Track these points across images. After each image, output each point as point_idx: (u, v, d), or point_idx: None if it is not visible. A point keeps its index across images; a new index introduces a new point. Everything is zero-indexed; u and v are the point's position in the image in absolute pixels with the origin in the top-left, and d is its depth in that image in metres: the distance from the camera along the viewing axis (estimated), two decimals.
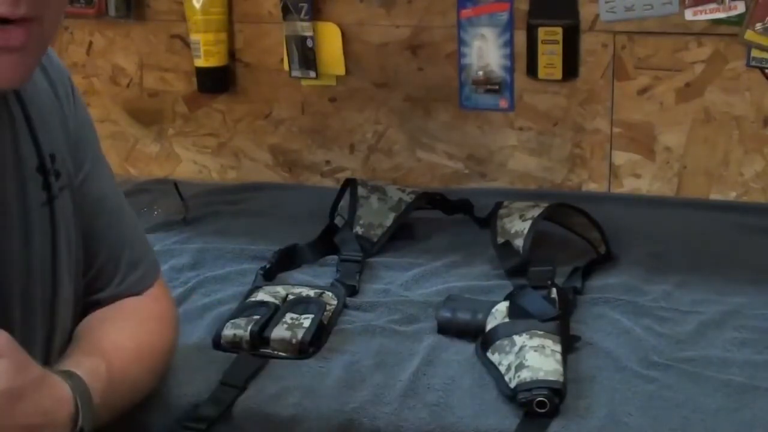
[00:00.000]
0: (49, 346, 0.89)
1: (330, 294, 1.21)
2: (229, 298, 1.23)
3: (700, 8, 1.41)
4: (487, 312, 1.11)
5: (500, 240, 1.31)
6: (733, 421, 0.96)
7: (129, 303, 0.99)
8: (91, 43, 1.77)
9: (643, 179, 1.54)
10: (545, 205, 1.33)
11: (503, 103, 1.57)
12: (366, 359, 1.09)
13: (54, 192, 0.87)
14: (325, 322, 1.14)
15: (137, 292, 1.00)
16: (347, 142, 1.68)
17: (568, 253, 1.32)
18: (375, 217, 1.39)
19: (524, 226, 1.29)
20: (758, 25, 1.38)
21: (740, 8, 1.39)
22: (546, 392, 0.96)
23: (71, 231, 0.91)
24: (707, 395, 1.00)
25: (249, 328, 1.11)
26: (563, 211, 1.36)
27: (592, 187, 1.57)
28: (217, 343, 1.12)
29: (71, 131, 0.93)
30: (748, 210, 1.46)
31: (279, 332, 1.11)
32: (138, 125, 1.79)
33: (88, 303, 0.98)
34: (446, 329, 1.13)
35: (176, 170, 1.78)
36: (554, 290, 1.14)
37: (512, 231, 1.30)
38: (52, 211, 0.87)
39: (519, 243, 1.27)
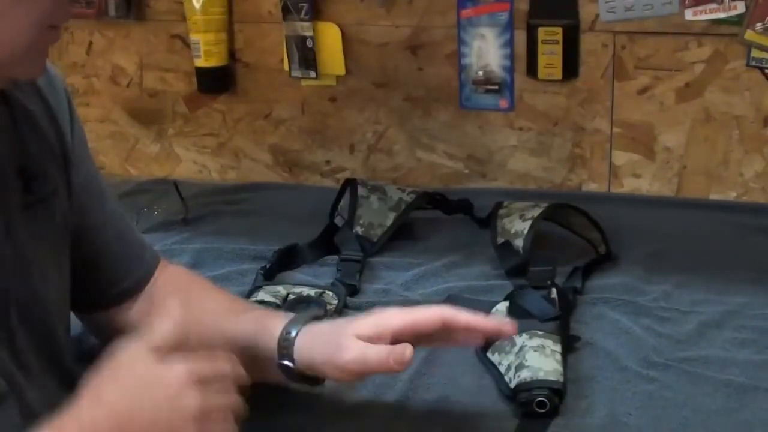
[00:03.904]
0: (39, 342, 0.88)
1: (330, 294, 1.21)
2: None
3: (700, 8, 1.41)
4: (487, 312, 1.11)
5: (500, 240, 1.31)
6: (733, 421, 0.96)
7: (178, 276, 1.06)
8: (91, 43, 1.77)
9: (643, 179, 1.54)
10: (545, 205, 1.33)
11: (503, 103, 1.57)
12: None
13: (42, 195, 0.88)
14: None
15: (154, 270, 1.04)
16: (347, 142, 1.68)
17: (568, 253, 1.32)
18: (375, 217, 1.39)
19: (524, 226, 1.29)
20: (758, 25, 1.39)
21: (740, 8, 1.39)
22: (546, 392, 0.96)
23: (62, 234, 0.91)
24: (707, 395, 1.00)
25: None
26: (563, 211, 1.36)
27: (592, 187, 1.57)
28: None
29: (67, 134, 0.93)
30: (748, 210, 1.46)
31: None
32: (138, 125, 1.79)
33: (113, 296, 1.01)
34: None
35: (176, 170, 1.78)
36: (554, 290, 1.14)
37: (512, 231, 1.30)
38: (37, 214, 0.88)
39: (519, 243, 1.27)
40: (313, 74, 1.64)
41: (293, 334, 0.93)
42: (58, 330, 0.91)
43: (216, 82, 1.69)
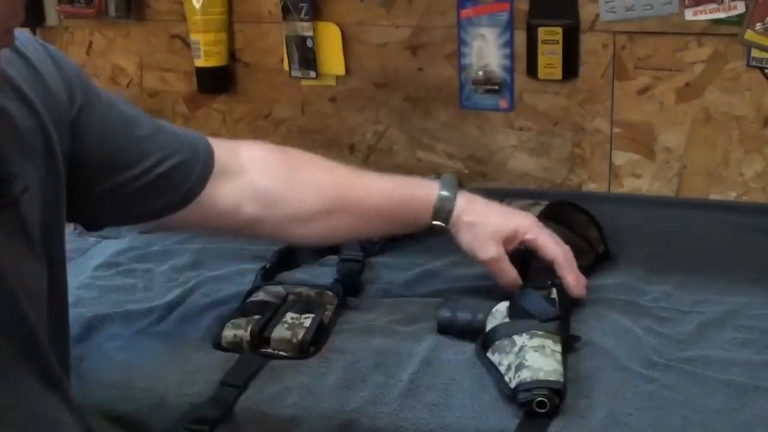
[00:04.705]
0: (17, 346, 0.88)
1: (330, 294, 1.21)
2: (229, 298, 1.23)
3: (700, 8, 1.41)
4: (487, 312, 1.11)
5: None
6: (733, 421, 0.96)
7: (272, 156, 1.16)
8: (91, 43, 1.77)
9: (643, 179, 1.54)
10: (546, 203, 1.33)
11: (503, 103, 1.57)
12: (366, 359, 1.09)
13: (11, 198, 0.87)
14: (326, 322, 1.15)
15: (211, 162, 1.10)
16: (347, 142, 1.68)
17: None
18: None
19: None
20: (758, 25, 1.39)
21: (740, 8, 1.39)
22: (546, 392, 0.96)
23: (39, 231, 0.91)
24: (707, 395, 1.00)
25: (249, 328, 1.11)
26: (563, 209, 1.35)
27: (592, 187, 1.57)
28: (218, 344, 1.12)
29: (52, 126, 0.93)
30: (748, 210, 1.46)
31: (279, 332, 1.11)
32: None
33: (180, 200, 1.06)
34: (446, 329, 1.13)
35: None
36: (554, 290, 1.14)
37: None
38: (7, 216, 0.87)
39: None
40: (313, 74, 1.64)
41: (451, 202, 1.16)
42: (40, 332, 0.90)
43: (216, 82, 1.70)
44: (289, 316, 1.14)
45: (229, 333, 1.12)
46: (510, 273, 1.17)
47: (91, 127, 0.99)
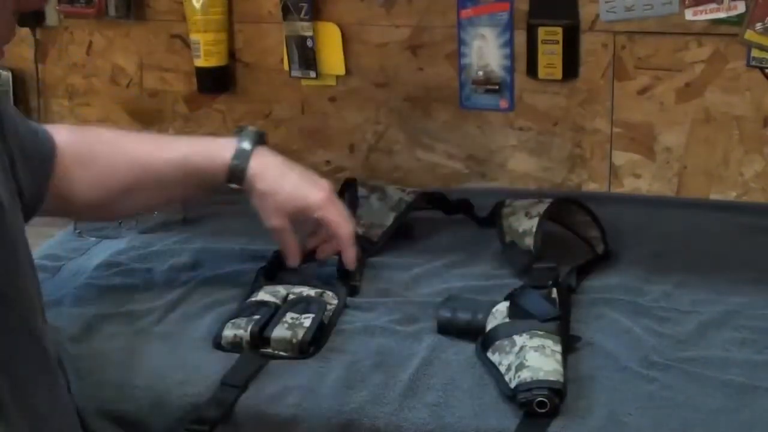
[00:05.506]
0: (25, 332, 0.89)
1: (330, 294, 1.21)
2: (229, 298, 1.23)
3: (700, 8, 1.41)
4: (487, 312, 1.11)
5: (507, 239, 1.31)
6: (733, 421, 0.96)
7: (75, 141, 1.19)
8: (91, 43, 1.77)
9: (643, 179, 1.54)
10: (549, 200, 1.33)
11: (503, 103, 1.57)
12: (366, 359, 1.09)
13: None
14: (326, 322, 1.14)
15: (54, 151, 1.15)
16: (347, 142, 1.68)
17: (568, 252, 1.32)
18: (375, 216, 1.39)
19: (531, 224, 1.28)
20: (758, 25, 1.39)
21: (740, 8, 1.39)
22: (546, 392, 0.96)
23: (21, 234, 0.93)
24: (707, 395, 1.00)
25: (249, 328, 1.11)
26: (566, 207, 1.35)
27: (592, 187, 1.57)
28: (218, 344, 1.12)
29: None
30: (748, 210, 1.46)
31: (279, 332, 1.11)
32: (138, 125, 1.79)
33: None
34: (446, 329, 1.13)
35: None
36: (554, 290, 1.14)
37: (520, 230, 1.29)
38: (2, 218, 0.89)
39: (529, 242, 1.27)
40: (313, 74, 1.64)
41: (243, 166, 1.21)
42: (40, 335, 0.91)
43: (216, 82, 1.70)
44: (289, 316, 1.14)
45: (229, 333, 1.12)
46: (289, 245, 1.24)
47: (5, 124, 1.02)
